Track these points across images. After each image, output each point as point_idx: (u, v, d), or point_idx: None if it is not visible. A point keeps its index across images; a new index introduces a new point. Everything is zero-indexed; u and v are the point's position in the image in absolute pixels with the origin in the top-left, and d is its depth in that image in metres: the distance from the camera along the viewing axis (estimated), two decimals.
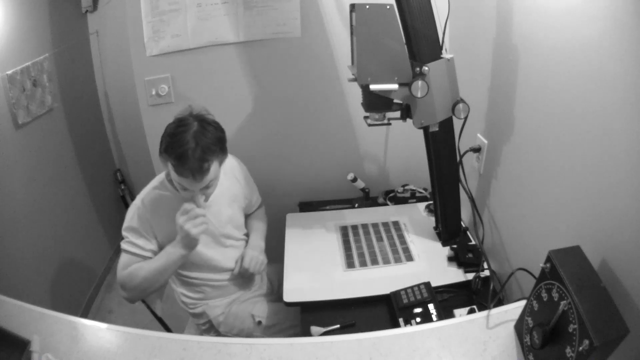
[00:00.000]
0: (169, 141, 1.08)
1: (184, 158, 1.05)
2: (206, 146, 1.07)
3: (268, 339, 1.05)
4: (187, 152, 1.05)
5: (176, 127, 1.10)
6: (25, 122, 1.81)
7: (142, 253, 1.18)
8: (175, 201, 1.16)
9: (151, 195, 1.22)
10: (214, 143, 1.10)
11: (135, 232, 1.18)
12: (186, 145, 1.05)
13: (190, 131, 1.08)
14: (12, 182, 1.77)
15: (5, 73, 1.68)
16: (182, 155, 1.05)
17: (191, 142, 1.06)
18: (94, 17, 2.36)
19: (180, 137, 1.07)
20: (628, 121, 0.69)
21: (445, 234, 1.36)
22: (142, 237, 1.19)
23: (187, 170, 1.06)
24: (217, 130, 1.14)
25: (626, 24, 0.68)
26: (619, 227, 0.73)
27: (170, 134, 1.10)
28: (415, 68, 1.04)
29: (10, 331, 0.91)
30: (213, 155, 1.10)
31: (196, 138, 1.07)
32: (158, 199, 1.21)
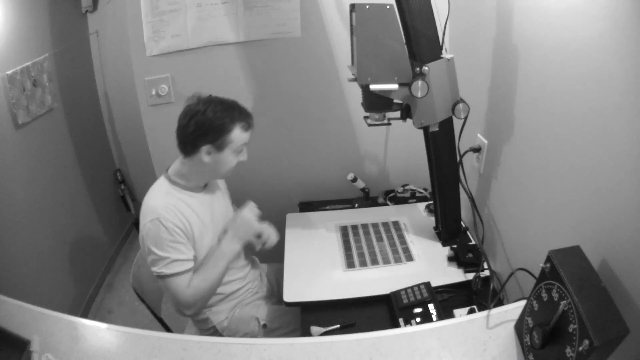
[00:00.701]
0: (220, 115, 1.11)
1: (239, 110, 1.15)
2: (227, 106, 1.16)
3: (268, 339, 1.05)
4: (236, 105, 1.16)
5: (190, 108, 1.14)
6: (25, 122, 1.81)
7: (189, 266, 1.13)
8: (190, 200, 1.19)
9: (166, 204, 1.13)
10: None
11: (170, 247, 1.10)
12: (232, 103, 1.16)
13: (217, 99, 1.15)
14: (12, 182, 1.77)
15: (5, 73, 1.68)
16: (236, 109, 1.15)
17: (229, 100, 1.16)
18: (94, 17, 2.36)
19: (223, 105, 1.14)
20: (628, 121, 0.69)
21: (445, 234, 1.36)
22: (178, 247, 1.11)
23: (244, 118, 1.16)
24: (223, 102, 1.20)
25: (626, 24, 0.68)
26: (619, 227, 0.73)
27: (213, 112, 1.12)
28: (415, 68, 1.04)
29: (10, 331, 0.91)
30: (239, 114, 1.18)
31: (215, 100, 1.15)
32: (174, 205, 1.14)
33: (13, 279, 1.68)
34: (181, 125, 1.15)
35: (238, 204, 1.28)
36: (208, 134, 1.12)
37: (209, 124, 1.11)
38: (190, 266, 1.14)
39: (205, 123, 1.11)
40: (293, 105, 1.71)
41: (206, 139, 1.12)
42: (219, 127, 1.12)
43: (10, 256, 1.71)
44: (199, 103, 1.14)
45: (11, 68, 1.71)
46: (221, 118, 1.12)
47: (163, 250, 1.10)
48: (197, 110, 1.12)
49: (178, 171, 1.22)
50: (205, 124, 1.11)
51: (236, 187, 1.79)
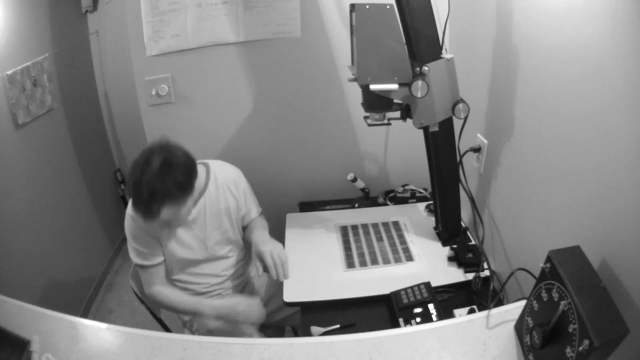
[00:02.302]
0: (129, 172, 1.06)
1: (134, 199, 1.04)
2: (159, 192, 1.02)
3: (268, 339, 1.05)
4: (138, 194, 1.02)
5: (139, 158, 1.05)
6: (25, 122, 1.81)
7: (155, 262, 1.22)
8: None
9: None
10: (170, 188, 1.04)
11: (139, 239, 1.20)
12: (138, 188, 1.02)
13: (148, 172, 1.02)
14: (12, 182, 1.77)
15: (5, 73, 1.68)
16: (133, 196, 1.04)
17: (144, 187, 1.01)
18: (94, 17, 2.36)
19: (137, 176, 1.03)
20: (628, 121, 0.69)
21: (445, 234, 1.36)
22: (142, 242, 1.20)
23: (138, 210, 1.05)
24: (182, 172, 1.07)
25: (626, 24, 0.68)
26: (619, 227, 0.73)
27: (133, 163, 1.06)
28: (415, 68, 1.04)
29: (10, 331, 0.91)
30: (167, 200, 1.05)
31: (150, 182, 1.01)
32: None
33: (13, 279, 1.68)
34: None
35: None
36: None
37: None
38: (153, 264, 1.22)
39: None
40: (293, 105, 1.71)
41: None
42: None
43: (10, 256, 1.71)
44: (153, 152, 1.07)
45: (11, 68, 1.71)
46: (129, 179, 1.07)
47: (133, 239, 1.20)
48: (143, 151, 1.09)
49: None
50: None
51: None
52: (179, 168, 1.07)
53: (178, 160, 1.07)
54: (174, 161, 1.06)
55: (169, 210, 1.07)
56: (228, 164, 1.37)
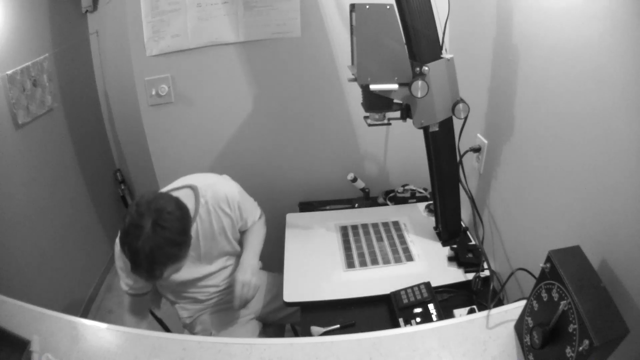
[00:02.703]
0: (121, 239, 0.99)
1: (135, 266, 0.99)
2: (155, 258, 0.97)
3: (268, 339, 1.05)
4: (136, 262, 0.97)
5: (129, 225, 0.98)
6: (25, 122, 1.81)
7: (137, 292, 1.20)
8: None
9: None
10: (166, 253, 0.99)
11: (126, 274, 1.17)
12: (137, 256, 0.96)
13: (141, 238, 0.96)
14: (12, 182, 1.77)
15: (5, 73, 1.68)
16: (133, 263, 0.99)
17: (141, 254, 0.96)
18: (94, 17, 2.36)
19: (131, 242, 0.96)
20: (628, 121, 0.69)
21: (445, 234, 1.36)
22: (131, 277, 1.16)
23: (139, 275, 1.02)
24: (177, 230, 1.01)
25: (626, 24, 0.68)
26: (619, 227, 0.73)
27: (123, 231, 0.99)
28: (415, 68, 1.04)
29: (10, 331, 0.91)
30: (168, 263, 1.01)
31: (145, 249, 0.96)
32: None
33: (13, 279, 1.68)
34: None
35: None
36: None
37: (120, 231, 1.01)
38: (136, 294, 1.20)
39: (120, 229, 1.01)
40: (293, 105, 1.70)
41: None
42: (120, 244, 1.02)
43: (10, 256, 1.71)
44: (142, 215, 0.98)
45: (11, 68, 1.71)
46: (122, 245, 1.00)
47: (119, 269, 1.18)
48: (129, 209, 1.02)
49: None
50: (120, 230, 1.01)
51: None
52: (173, 226, 1.00)
53: (171, 217, 1.00)
54: (167, 220, 0.99)
55: (172, 268, 1.03)
56: (217, 179, 1.28)
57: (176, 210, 1.02)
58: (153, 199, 1.01)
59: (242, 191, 1.32)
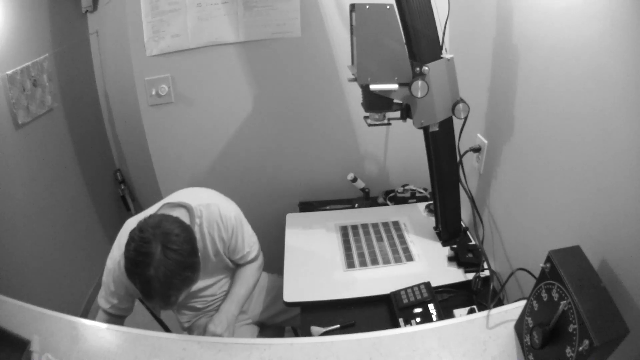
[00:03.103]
0: (131, 270, 0.94)
1: (148, 294, 0.94)
2: (170, 283, 0.93)
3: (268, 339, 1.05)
4: (150, 290, 0.93)
5: (137, 253, 0.92)
6: (25, 122, 1.81)
7: (118, 313, 1.16)
8: None
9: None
10: (180, 277, 0.95)
11: (112, 293, 1.14)
12: (149, 284, 0.91)
13: (152, 264, 0.91)
14: (12, 182, 1.77)
15: (5, 73, 1.67)
16: (145, 292, 0.94)
17: (154, 281, 0.91)
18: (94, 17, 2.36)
19: (142, 271, 0.91)
20: (628, 121, 0.69)
21: (445, 234, 1.36)
22: (117, 297, 1.14)
23: (153, 303, 0.99)
24: (185, 256, 0.96)
25: (626, 24, 0.68)
26: (619, 227, 0.73)
27: (131, 260, 0.93)
28: (415, 68, 1.04)
29: (10, 331, 0.91)
30: (183, 286, 0.97)
31: (159, 274, 0.91)
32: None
33: (13, 279, 1.68)
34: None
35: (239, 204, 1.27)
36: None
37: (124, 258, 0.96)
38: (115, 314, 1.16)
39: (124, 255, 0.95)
40: (293, 105, 1.70)
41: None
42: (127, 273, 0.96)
43: (10, 256, 1.71)
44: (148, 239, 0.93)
45: (11, 68, 1.71)
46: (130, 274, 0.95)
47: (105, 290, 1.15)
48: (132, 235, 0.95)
49: None
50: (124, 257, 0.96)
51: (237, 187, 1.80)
52: (183, 248, 0.95)
53: (179, 239, 0.95)
54: (176, 242, 0.94)
55: (186, 291, 1.00)
56: (213, 198, 1.20)
57: (182, 232, 0.97)
58: (156, 223, 0.96)
59: (240, 217, 1.23)
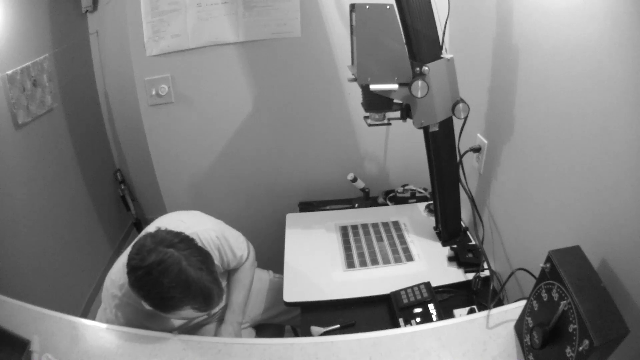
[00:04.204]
0: (178, 295, 0.88)
1: (209, 296, 0.93)
2: (211, 262, 0.97)
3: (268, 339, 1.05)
4: (207, 288, 0.92)
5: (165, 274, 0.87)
6: (25, 122, 1.81)
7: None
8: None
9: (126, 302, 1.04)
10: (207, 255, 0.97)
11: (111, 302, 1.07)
12: (202, 283, 0.90)
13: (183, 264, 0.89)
14: (12, 182, 1.77)
15: (5, 73, 1.67)
16: (206, 295, 0.92)
17: (200, 274, 0.90)
18: (94, 17, 2.36)
19: (187, 280, 0.89)
20: (628, 121, 0.69)
21: (445, 234, 1.36)
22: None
23: (215, 301, 0.96)
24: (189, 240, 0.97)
25: (626, 24, 0.68)
26: (619, 227, 0.73)
27: (169, 286, 0.88)
28: (415, 68, 1.04)
29: (10, 331, 0.91)
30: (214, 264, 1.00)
31: (197, 265, 0.91)
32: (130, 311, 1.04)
33: (13, 279, 1.68)
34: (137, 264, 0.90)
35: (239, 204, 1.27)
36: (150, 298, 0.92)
37: (156, 293, 0.90)
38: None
39: (152, 288, 0.90)
40: (293, 105, 1.70)
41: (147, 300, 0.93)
42: (165, 300, 0.91)
43: (10, 256, 1.71)
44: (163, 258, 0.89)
45: (11, 68, 1.71)
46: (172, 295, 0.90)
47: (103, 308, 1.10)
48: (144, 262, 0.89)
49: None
50: (152, 290, 0.90)
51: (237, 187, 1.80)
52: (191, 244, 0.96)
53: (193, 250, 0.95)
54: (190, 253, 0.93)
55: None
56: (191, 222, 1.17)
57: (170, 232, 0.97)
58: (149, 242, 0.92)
59: (221, 231, 1.20)
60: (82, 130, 2.34)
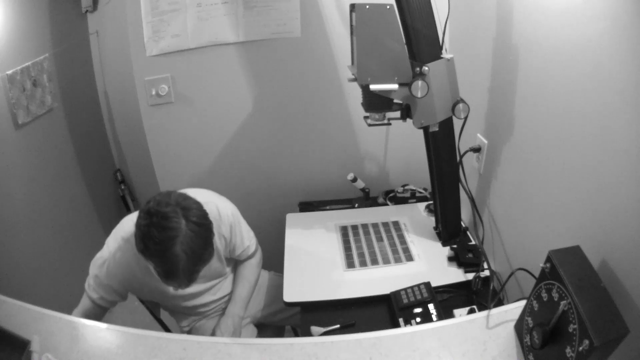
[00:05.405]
0: (153, 249, 0.90)
1: (172, 273, 0.92)
2: (198, 257, 0.93)
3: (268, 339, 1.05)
4: (177, 267, 0.91)
5: (160, 229, 0.89)
6: (25, 122, 1.80)
7: (99, 304, 1.17)
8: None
9: (123, 251, 1.12)
10: (205, 249, 0.96)
11: (102, 285, 1.15)
12: (176, 260, 0.90)
13: (178, 239, 0.89)
14: (12, 182, 1.77)
15: (5, 73, 1.67)
16: (170, 270, 0.92)
17: (181, 255, 0.90)
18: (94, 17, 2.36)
19: (167, 247, 0.89)
20: (628, 121, 0.69)
21: (445, 234, 1.36)
22: (106, 290, 1.15)
23: (175, 283, 0.95)
24: (206, 228, 0.97)
25: (626, 24, 0.68)
26: (619, 227, 0.73)
27: (154, 239, 0.89)
28: (415, 68, 1.04)
29: (10, 331, 0.90)
30: (205, 263, 0.97)
31: (186, 249, 0.90)
32: (130, 256, 1.10)
33: (13, 279, 1.68)
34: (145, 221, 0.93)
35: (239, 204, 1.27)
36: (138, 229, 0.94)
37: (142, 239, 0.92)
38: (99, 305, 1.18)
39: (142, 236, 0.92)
40: (293, 105, 1.70)
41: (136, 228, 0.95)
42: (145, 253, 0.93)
43: (10, 256, 1.71)
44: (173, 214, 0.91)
45: (11, 68, 1.71)
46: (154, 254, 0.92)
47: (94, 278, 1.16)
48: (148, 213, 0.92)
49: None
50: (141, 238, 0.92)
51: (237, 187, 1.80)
52: (205, 222, 0.97)
53: (199, 213, 0.96)
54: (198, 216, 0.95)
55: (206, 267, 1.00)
56: (210, 197, 1.19)
57: (199, 206, 0.98)
58: (172, 200, 0.94)
59: (237, 213, 1.24)
60: (82, 130, 2.34)
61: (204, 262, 0.97)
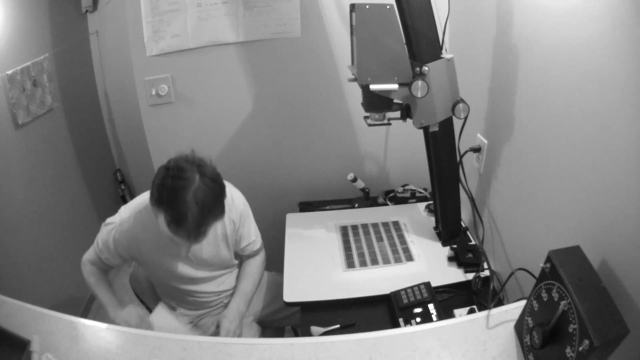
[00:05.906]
0: (166, 196, 0.93)
1: (182, 221, 0.93)
2: (208, 210, 0.95)
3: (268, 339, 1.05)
4: (186, 215, 0.92)
5: (174, 179, 0.94)
6: (25, 122, 1.81)
7: (106, 262, 1.24)
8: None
9: (132, 221, 1.16)
10: (215, 204, 0.98)
11: (107, 248, 1.20)
12: (186, 207, 0.92)
13: (191, 188, 0.93)
14: (12, 182, 1.77)
15: (5, 73, 1.67)
16: (180, 218, 0.93)
17: (192, 204, 0.92)
18: (94, 17, 2.36)
19: (179, 195, 0.92)
20: (628, 121, 0.69)
21: (445, 234, 1.36)
22: (111, 253, 1.21)
23: (184, 232, 0.95)
24: (219, 187, 1.00)
25: (626, 24, 0.68)
26: (619, 227, 0.73)
27: (167, 187, 0.93)
28: (415, 68, 1.04)
29: (10, 331, 0.91)
30: (215, 219, 0.99)
31: (197, 199, 0.93)
32: (138, 228, 1.15)
33: (13, 279, 1.68)
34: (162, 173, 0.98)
35: None
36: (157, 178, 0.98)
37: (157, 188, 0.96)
38: (104, 262, 1.24)
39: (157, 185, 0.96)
40: (293, 105, 1.71)
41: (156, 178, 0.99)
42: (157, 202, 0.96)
43: (10, 256, 1.71)
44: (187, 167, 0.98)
45: (11, 68, 1.71)
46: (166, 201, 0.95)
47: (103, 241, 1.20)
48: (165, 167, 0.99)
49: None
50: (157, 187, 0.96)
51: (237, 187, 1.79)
52: (218, 180, 1.01)
53: (213, 170, 1.02)
54: (212, 172, 1.00)
55: (212, 228, 1.01)
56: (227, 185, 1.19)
57: (213, 166, 1.04)
58: (189, 158, 1.01)
59: (248, 207, 1.29)
60: (82, 130, 2.34)
61: (214, 217, 0.99)
